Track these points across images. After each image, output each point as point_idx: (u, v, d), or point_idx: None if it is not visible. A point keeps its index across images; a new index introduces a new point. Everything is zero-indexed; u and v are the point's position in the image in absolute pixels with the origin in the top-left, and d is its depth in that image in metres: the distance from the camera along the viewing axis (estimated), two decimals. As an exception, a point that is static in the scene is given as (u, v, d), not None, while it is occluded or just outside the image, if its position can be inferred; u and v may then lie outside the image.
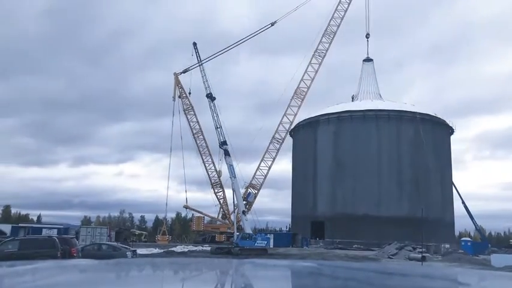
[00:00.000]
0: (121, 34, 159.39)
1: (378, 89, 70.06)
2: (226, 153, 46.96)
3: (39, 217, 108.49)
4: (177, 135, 56.97)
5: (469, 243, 48.94)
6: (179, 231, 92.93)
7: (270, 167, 62.38)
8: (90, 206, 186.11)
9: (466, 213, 67.47)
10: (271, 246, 44.06)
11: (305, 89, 63.09)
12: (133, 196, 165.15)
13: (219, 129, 48.36)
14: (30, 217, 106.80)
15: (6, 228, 51.35)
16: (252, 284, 2.39)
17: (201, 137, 60.31)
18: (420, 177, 60.58)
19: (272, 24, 60.11)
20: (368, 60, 69.95)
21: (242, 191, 53.43)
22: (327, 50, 63.60)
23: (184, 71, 57.45)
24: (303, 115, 67.21)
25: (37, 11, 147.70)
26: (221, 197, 62.04)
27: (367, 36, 67.21)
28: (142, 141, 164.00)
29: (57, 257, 16.26)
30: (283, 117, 63.12)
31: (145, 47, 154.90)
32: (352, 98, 69.98)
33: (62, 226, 51.83)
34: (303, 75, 63.14)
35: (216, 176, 60.89)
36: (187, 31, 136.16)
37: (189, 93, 58.50)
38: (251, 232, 43.81)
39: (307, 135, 67.83)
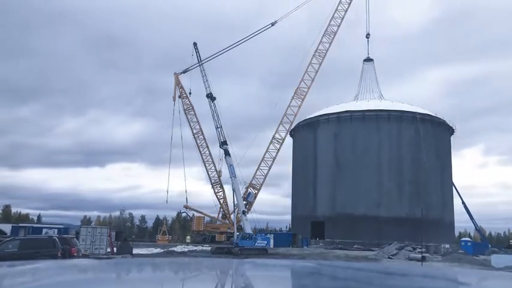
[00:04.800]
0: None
1: (378, 88, 70.03)
2: (227, 153, 46.94)
3: (39, 217, 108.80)
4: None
5: (469, 244, 48.83)
6: (179, 231, 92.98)
7: (270, 167, 62.42)
8: (90, 205, 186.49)
9: (466, 213, 67.40)
10: (271, 246, 44.05)
11: (305, 89, 63.08)
12: (134, 196, 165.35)
13: (219, 129, 48.36)
14: (30, 217, 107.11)
15: (7, 228, 51.36)
16: (252, 284, 2.39)
17: (201, 136, 60.35)
18: (420, 177, 60.55)
19: (272, 24, 60.07)
20: (368, 60, 69.88)
21: (242, 190, 53.40)
22: (327, 50, 63.59)
23: (185, 71, 57.41)
24: (303, 115, 67.43)
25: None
26: (221, 197, 62.08)
27: (367, 36, 67.18)
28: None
29: (57, 257, 16.24)
30: (283, 117, 63.13)
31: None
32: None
33: (62, 226, 51.92)
34: (303, 75, 63.16)
35: (216, 175, 60.93)
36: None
37: (189, 93, 58.50)
38: (251, 232, 43.80)
39: (307, 135, 67.83)
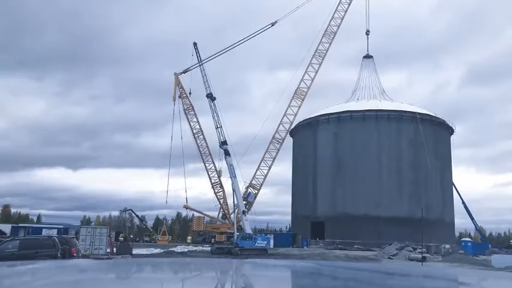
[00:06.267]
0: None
1: (379, 85, 69.81)
2: (227, 153, 46.93)
3: (39, 217, 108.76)
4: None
5: (469, 244, 48.83)
6: (179, 231, 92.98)
7: (270, 167, 62.32)
8: (89, 205, 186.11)
9: (466, 213, 67.44)
10: (271, 246, 43.98)
11: (305, 89, 63.04)
12: (134, 196, 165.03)
13: (219, 129, 48.36)
14: (30, 217, 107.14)
15: (6, 228, 51.37)
16: (252, 284, 2.39)
17: (201, 136, 60.28)
18: (420, 177, 60.57)
19: (272, 24, 60.00)
20: (368, 56, 69.75)
21: (242, 190, 53.33)
22: (327, 50, 63.54)
23: (185, 71, 57.40)
24: (303, 115, 67.36)
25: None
26: (221, 197, 62.01)
27: (367, 33, 67.13)
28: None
29: (57, 257, 16.26)
30: (283, 117, 63.07)
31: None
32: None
33: (61, 226, 51.80)
34: (303, 75, 63.13)
35: (216, 176, 60.87)
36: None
37: (190, 93, 58.47)
38: (251, 232, 43.78)
39: (307, 135, 67.81)
